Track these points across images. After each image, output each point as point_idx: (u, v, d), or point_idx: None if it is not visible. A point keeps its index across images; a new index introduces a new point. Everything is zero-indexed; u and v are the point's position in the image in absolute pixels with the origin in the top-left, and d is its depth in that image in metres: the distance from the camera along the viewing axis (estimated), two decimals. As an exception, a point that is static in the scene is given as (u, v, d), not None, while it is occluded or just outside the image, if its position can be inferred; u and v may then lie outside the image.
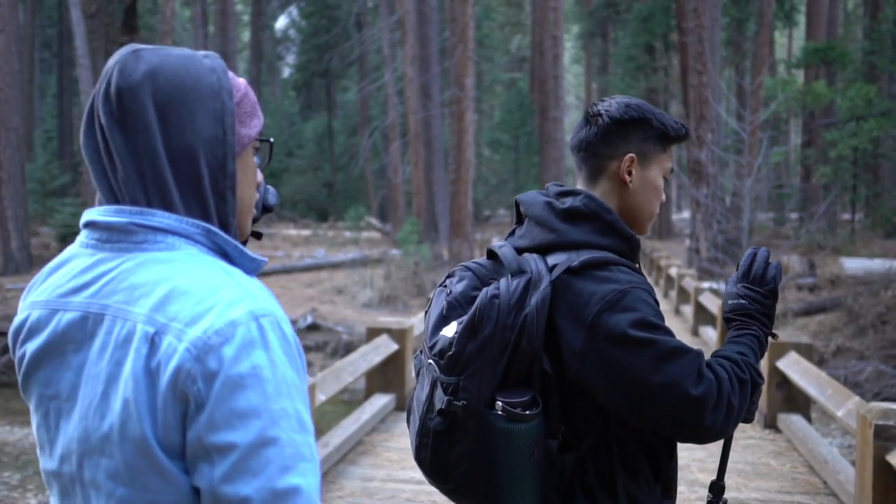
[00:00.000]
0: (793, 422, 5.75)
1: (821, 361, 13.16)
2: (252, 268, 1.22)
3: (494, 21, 44.20)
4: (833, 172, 24.58)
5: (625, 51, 35.97)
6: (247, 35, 51.89)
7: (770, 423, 6.07)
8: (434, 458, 1.73)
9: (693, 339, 11.22)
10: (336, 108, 43.75)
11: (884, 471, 3.52)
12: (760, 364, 1.85)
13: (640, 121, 1.83)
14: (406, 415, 1.87)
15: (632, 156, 1.82)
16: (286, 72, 51.32)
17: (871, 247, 23.12)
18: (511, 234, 1.90)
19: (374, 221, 33.03)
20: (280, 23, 51.46)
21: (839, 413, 4.20)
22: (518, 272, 1.71)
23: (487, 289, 1.70)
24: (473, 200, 28.31)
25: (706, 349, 10.19)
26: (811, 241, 22.95)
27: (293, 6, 46.46)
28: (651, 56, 35.03)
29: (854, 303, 15.68)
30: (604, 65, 47.11)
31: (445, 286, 1.84)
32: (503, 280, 1.71)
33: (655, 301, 1.75)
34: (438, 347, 1.71)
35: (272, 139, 1.38)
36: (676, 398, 1.65)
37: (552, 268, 1.72)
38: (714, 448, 5.26)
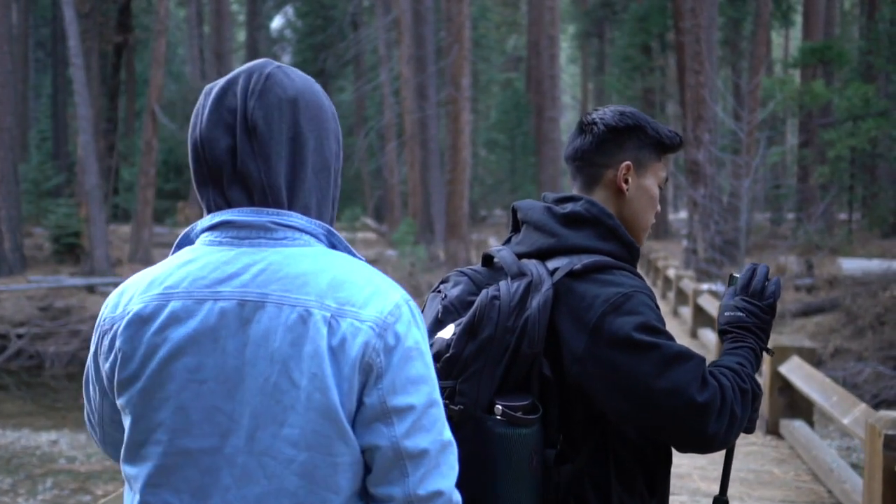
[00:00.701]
0: (795, 428, 5.62)
1: (819, 363, 13.04)
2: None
3: (490, 21, 44.10)
4: (831, 172, 24.50)
5: (621, 51, 35.91)
6: (242, 35, 51.72)
7: (772, 429, 5.94)
8: None
9: (692, 342, 11.12)
10: (332, 109, 43.59)
11: (894, 483, 3.40)
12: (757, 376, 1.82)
13: (636, 128, 1.83)
14: None
15: (628, 163, 1.82)
16: (282, 72, 51.09)
17: (869, 247, 23.05)
18: (507, 242, 1.87)
19: (370, 222, 32.90)
20: (276, 23, 51.33)
21: (845, 421, 4.08)
22: (518, 275, 1.68)
23: (487, 290, 1.67)
24: (470, 201, 28.18)
25: (705, 351, 10.10)
26: (809, 242, 22.88)
27: (289, 6, 46.33)
28: (647, 56, 34.96)
29: (852, 303, 15.59)
30: (600, 65, 47.05)
31: (440, 291, 1.81)
32: (503, 282, 1.67)
33: (657, 305, 1.72)
34: (434, 350, 1.64)
35: None
36: (680, 404, 1.61)
37: (553, 271, 1.69)
38: (716, 456, 5.14)
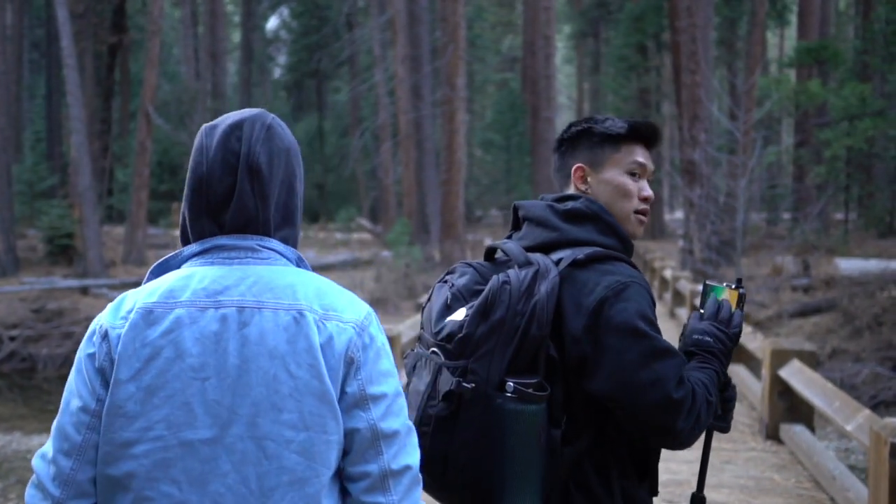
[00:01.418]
0: (796, 433, 5.50)
1: (816, 364, 12.97)
2: None
3: (486, 21, 44.03)
4: (827, 172, 24.44)
5: (617, 51, 35.83)
6: (237, 36, 51.58)
7: (772, 434, 5.81)
8: (433, 447, 1.72)
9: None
10: (327, 109, 43.51)
11: (900, 492, 3.30)
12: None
13: (583, 133, 1.97)
14: None
15: (577, 165, 1.96)
16: (277, 73, 51.05)
17: (865, 247, 23.00)
18: (508, 238, 1.98)
19: (366, 223, 32.78)
20: (271, 23, 51.20)
21: (848, 427, 3.97)
22: (526, 263, 1.78)
23: (498, 276, 1.77)
24: (465, 201, 28.09)
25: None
26: (805, 242, 22.81)
27: (284, 7, 46.21)
28: (643, 56, 34.88)
29: (850, 304, 15.53)
30: (596, 65, 46.98)
31: (446, 281, 1.92)
32: (512, 270, 1.78)
33: (652, 298, 1.82)
34: (447, 331, 1.77)
35: None
36: (658, 396, 1.72)
37: (557, 261, 1.81)
38: (715, 461, 5.04)
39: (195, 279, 1.50)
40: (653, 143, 1.99)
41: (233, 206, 1.53)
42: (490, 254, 1.97)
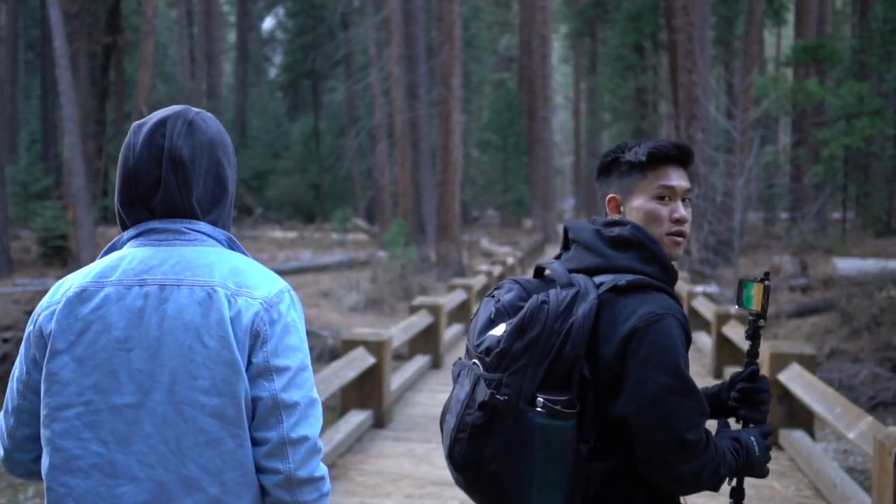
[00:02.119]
0: (796, 439, 5.39)
1: (816, 367, 12.90)
2: None
3: (482, 21, 43.92)
4: (825, 172, 24.36)
5: (613, 50, 35.72)
6: (233, 36, 51.42)
7: (771, 441, 5.71)
8: (468, 453, 1.82)
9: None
10: (323, 109, 43.35)
11: (905, 503, 3.19)
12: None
13: (611, 164, 2.04)
14: (440, 417, 1.99)
15: (611, 196, 2.03)
16: (273, 73, 50.91)
17: (863, 246, 22.91)
18: (558, 257, 2.06)
19: (362, 223, 32.65)
20: (267, 23, 51.06)
21: (850, 435, 3.86)
22: (567, 285, 1.86)
23: (538, 295, 1.85)
24: (461, 201, 27.97)
25: (700, 354, 9.92)
26: (803, 242, 22.73)
27: (280, 6, 46.07)
28: (640, 55, 34.77)
29: (848, 304, 15.44)
30: (592, 64, 46.88)
31: (493, 296, 2.00)
32: (553, 290, 1.86)
33: (685, 330, 1.87)
34: (486, 345, 1.85)
35: None
36: (667, 434, 1.78)
37: (599, 285, 1.88)
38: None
39: (125, 260, 1.67)
40: (684, 163, 2.03)
41: (159, 196, 1.69)
42: (539, 272, 2.05)
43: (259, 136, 41.35)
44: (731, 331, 8.03)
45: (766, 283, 2.04)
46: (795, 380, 5.24)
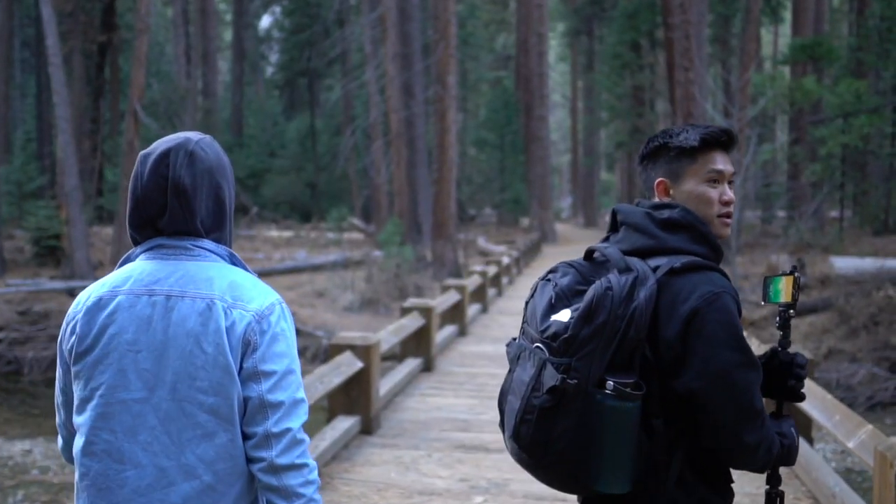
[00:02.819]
0: (793, 444, 5.26)
1: (814, 372, 12.79)
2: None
3: (479, 19, 43.81)
4: (823, 170, 24.26)
5: (610, 48, 35.61)
6: (229, 34, 51.26)
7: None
8: (535, 434, 1.89)
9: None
10: (319, 108, 43.20)
11: (908, 517, 3.06)
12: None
13: (660, 148, 2.10)
14: (498, 398, 2.08)
15: (660, 180, 2.10)
16: (269, 71, 50.76)
17: (861, 245, 22.81)
18: (606, 239, 2.12)
19: (358, 222, 32.52)
20: (264, 22, 50.92)
21: (850, 444, 3.73)
22: (626, 269, 1.92)
23: (601, 281, 1.90)
24: (458, 200, 27.85)
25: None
26: (800, 240, 22.63)
27: (276, 5, 45.93)
28: (637, 53, 34.66)
29: (846, 303, 15.34)
30: (590, 62, 46.78)
31: (549, 280, 2.04)
32: (613, 275, 1.91)
33: (738, 306, 1.95)
34: (552, 331, 1.90)
35: None
36: (740, 403, 1.87)
37: (655, 269, 1.94)
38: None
39: (136, 272, 1.89)
40: (729, 148, 2.11)
41: (166, 219, 1.90)
42: (589, 254, 2.09)
43: (255, 135, 41.22)
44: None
45: (797, 276, 2.15)
46: (793, 385, 5.12)
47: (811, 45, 24.34)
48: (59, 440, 2.05)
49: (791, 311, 2.12)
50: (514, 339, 2.08)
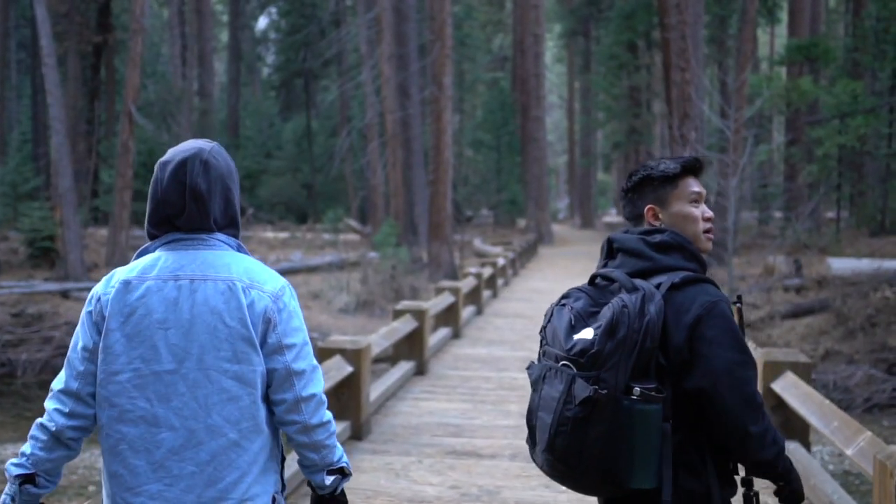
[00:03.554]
0: (791, 451, 5.15)
1: (812, 376, 12.71)
2: None
3: (475, 20, 43.73)
4: (819, 171, 24.20)
5: (607, 49, 35.55)
6: (226, 36, 51.15)
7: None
8: (570, 443, 2.09)
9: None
10: (316, 109, 43.09)
11: (908, 527, 2.97)
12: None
13: (644, 180, 2.38)
14: (527, 416, 2.26)
15: (649, 207, 2.38)
16: (266, 72, 50.65)
17: (857, 246, 22.76)
18: (604, 266, 2.37)
19: (354, 223, 32.42)
20: (261, 23, 50.81)
21: (849, 451, 3.65)
22: (633, 289, 2.17)
23: (616, 301, 2.15)
24: (454, 201, 27.75)
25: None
26: (797, 241, 22.57)
27: (273, 6, 45.81)
28: (633, 54, 34.60)
29: (843, 305, 15.27)
30: (586, 63, 46.71)
31: (564, 305, 2.27)
32: (624, 295, 2.16)
33: (731, 310, 2.24)
34: (579, 348, 2.11)
35: None
36: (743, 396, 2.13)
37: (657, 286, 2.20)
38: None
39: (161, 260, 2.16)
40: (700, 173, 2.42)
41: (183, 218, 2.17)
42: (593, 280, 2.33)
43: (251, 136, 41.10)
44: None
45: (739, 306, 2.41)
46: (790, 389, 5.02)
47: (808, 46, 24.28)
48: (60, 403, 2.15)
49: None
50: (535, 362, 2.29)
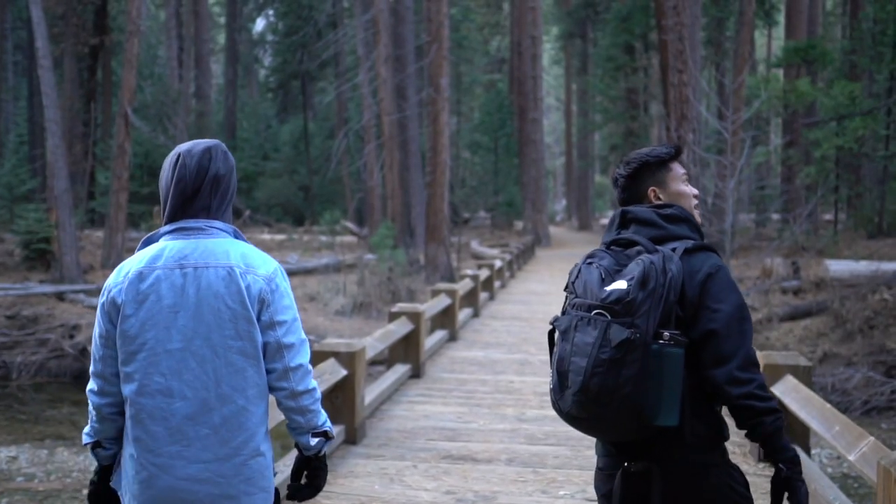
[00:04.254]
0: (791, 455, 5.09)
1: (812, 379, 12.64)
2: None
3: (473, 22, 43.70)
4: (817, 172, 24.16)
5: (604, 51, 35.52)
6: (223, 37, 51.06)
7: (765, 457, 5.38)
8: (604, 382, 2.31)
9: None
10: (313, 110, 43.03)
11: (912, 536, 2.90)
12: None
13: (642, 166, 2.70)
14: (558, 364, 2.44)
15: (651, 188, 2.69)
16: (263, 74, 50.59)
17: (855, 248, 22.69)
18: (618, 233, 2.64)
19: (351, 225, 32.33)
20: (258, 25, 50.76)
21: (851, 457, 3.58)
22: (654, 251, 2.46)
23: (643, 258, 2.43)
24: (451, 203, 27.69)
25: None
26: (794, 243, 22.52)
27: (270, 8, 45.75)
28: (631, 56, 34.56)
29: (841, 307, 15.21)
30: (583, 65, 46.68)
31: (591, 263, 2.53)
32: (646, 255, 2.45)
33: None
34: (614, 297, 2.35)
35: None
36: (735, 345, 2.37)
37: (672, 250, 2.49)
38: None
39: (166, 250, 2.42)
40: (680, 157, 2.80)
41: (198, 200, 2.47)
42: (610, 244, 2.63)
43: (248, 138, 41.02)
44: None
45: None
46: (790, 393, 4.95)
47: (805, 48, 24.25)
48: (92, 384, 2.53)
49: None
50: (562, 314, 2.53)
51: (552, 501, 4.98)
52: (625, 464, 2.47)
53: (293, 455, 4.59)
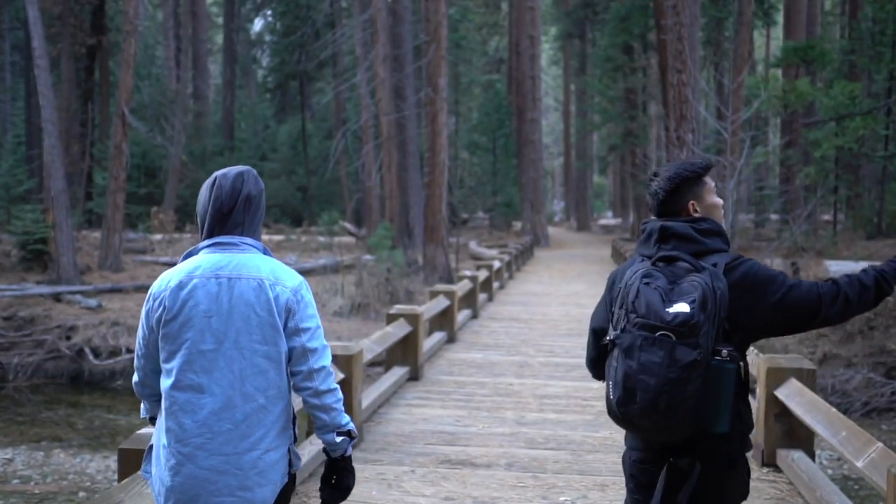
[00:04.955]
0: (795, 460, 4.99)
1: (816, 383, 12.59)
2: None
3: (471, 22, 43.64)
4: (816, 173, 24.11)
5: (603, 51, 35.44)
6: (220, 38, 50.96)
7: (769, 461, 5.30)
8: (671, 400, 2.48)
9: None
10: (311, 111, 42.94)
11: (923, 546, 2.83)
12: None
13: (683, 181, 2.82)
14: (623, 383, 2.57)
15: (691, 202, 2.82)
16: (261, 75, 50.51)
17: (854, 248, 22.64)
18: (658, 249, 2.77)
19: (349, 226, 32.25)
20: (256, 25, 50.67)
21: (858, 464, 3.50)
22: (701, 269, 2.62)
23: (698, 279, 2.58)
24: (450, 204, 27.62)
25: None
26: (794, 244, 22.47)
27: (268, 8, 45.68)
28: (629, 56, 34.50)
29: (841, 308, 15.12)
30: (582, 66, 46.64)
31: (648, 283, 2.63)
32: (698, 275, 2.61)
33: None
34: (680, 320, 2.49)
35: None
36: (805, 282, 2.69)
37: (714, 265, 2.66)
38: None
39: (204, 262, 2.68)
40: None
41: (232, 218, 2.73)
42: (655, 260, 2.75)
43: (246, 139, 40.92)
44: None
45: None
46: (794, 397, 4.87)
47: (804, 48, 24.20)
48: (135, 376, 2.85)
49: None
50: (623, 331, 2.63)
51: (552, 507, 4.90)
52: (670, 459, 2.65)
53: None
